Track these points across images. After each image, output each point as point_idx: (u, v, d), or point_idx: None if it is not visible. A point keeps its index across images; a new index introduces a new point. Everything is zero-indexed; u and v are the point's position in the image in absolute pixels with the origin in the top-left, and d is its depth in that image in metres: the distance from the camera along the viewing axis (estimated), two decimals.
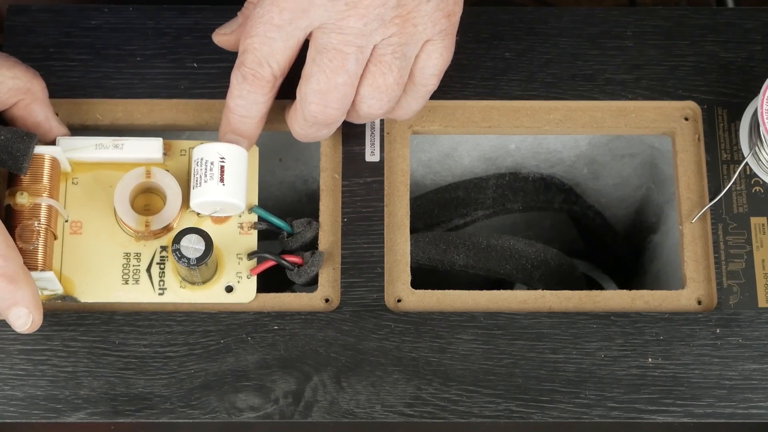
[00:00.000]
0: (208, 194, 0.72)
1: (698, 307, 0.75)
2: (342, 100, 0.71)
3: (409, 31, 0.70)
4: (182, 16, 0.80)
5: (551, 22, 0.80)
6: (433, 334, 0.73)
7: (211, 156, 0.72)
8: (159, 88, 0.78)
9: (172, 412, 0.71)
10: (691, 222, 0.76)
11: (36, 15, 0.79)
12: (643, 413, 0.72)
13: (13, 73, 0.72)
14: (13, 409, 0.71)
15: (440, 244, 0.83)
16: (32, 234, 0.71)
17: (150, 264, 0.74)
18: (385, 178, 0.77)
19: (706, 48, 0.79)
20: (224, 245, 0.74)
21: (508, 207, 0.89)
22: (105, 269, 0.73)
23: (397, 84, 0.71)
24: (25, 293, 0.69)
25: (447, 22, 0.71)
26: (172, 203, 0.73)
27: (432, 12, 0.70)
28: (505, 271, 0.84)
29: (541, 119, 0.79)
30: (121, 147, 0.74)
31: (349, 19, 0.69)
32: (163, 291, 0.73)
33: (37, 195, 0.71)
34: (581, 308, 0.74)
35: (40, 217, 0.71)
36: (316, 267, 0.74)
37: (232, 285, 0.74)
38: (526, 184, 0.90)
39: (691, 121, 0.78)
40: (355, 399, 0.72)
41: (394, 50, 0.70)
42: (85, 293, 0.73)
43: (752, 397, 0.72)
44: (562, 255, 0.86)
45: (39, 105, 0.73)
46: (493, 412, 0.72)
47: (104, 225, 0.74)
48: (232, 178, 0.72)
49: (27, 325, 0.70)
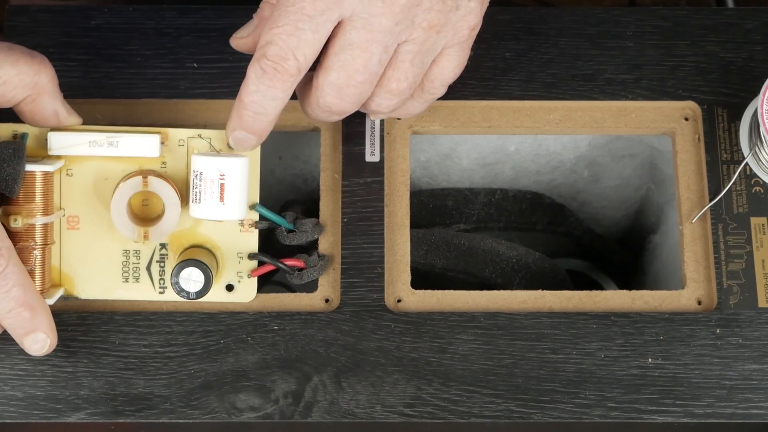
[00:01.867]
0: (207, 213, 0.71)
1: (698, 308, 0.75)
2: (358, 96, 0.70)
3: (432, 38, 0.69)
4: (182, 16, 0.80)
5: (551, 22, 0.80)
6: (433, 334, 0.73)
7: (211, 173, 0.70)
8: (159, 88, 0.78)
9: (172, 412, 0.71)
10: (691, 222, 0.76)
11: (36, 15, 0.79)
12: (643, 413, 0.72)
13: (17, 69, 0.70)
14: (13, 409, 0.71)
15: (422, 246, 0.83)
16: (29, 256, 0.71)
17: (150, 262, 0.74)
18: (385, 178, 0.77)
19: (706, 48, 0.79)
20: (225, 244, 0.74)
21: (489, 226, 0.89)
22: (104, 266, 0.73)
23: (409, 89, 0.71)
24: (43, 319, 0.70)
25: (467, 35, 0.71)
26: (170, 214, 0.72)
27: (457, 21, 0.70)
28: (484, 275, 0.84)
29: (541, 119, 0.78)
30: (116, 145, 0.72)
31: (382, 17, 0.67)
32: (163, 289, 0.73)
33: (30, 216, 0.71)
34: (581, 308, 0.74)
35: (35, 237, 0.71)
36: (320, 272, 0.74)
37: (232, 284, 0.74)
38: (513, 204, 0.90)
39: (691, 121, 0.78)
40: (355, 399, 0.72)
41: (414, 57, 0.70)
42: (84, 291, 0.73)
43: (752, 397, 0.72)
44: (544, 258, 0.86)
45: (47, 98, 0.71)
46: (493, 412, 0.72)
47: (102, 220, 0.73)
48: (232, 195, 0.71)
49: (44, 349, 0.70)
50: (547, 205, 0.91)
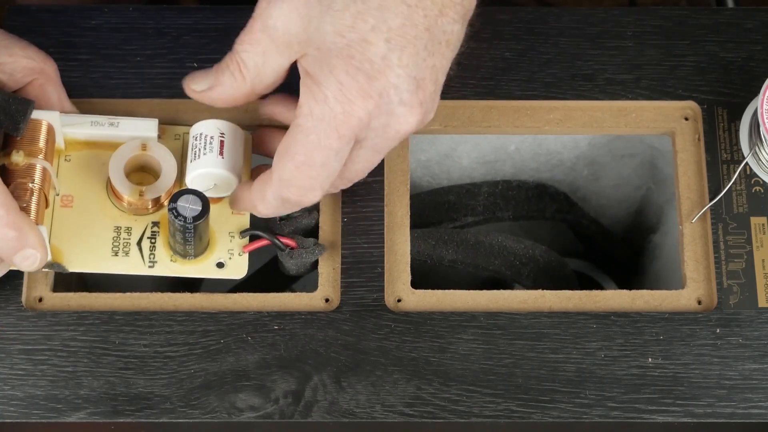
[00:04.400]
0: (207, 166, 0.72)
1: (698, 307, 0.75)
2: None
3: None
4: (182, 16, 0.80)
5: (551, 22, 0.80)
6: (433, 334, 0.73)
7: (211, 131, 0.72)
8: (159, 88, 0.78)
9: (172, 412, 0.71)
10: (691, 222, 0.76)
11: (36, 15, 0.79)
12: (643, 413, 0.72)
13: (26, 53, 0.72)
14: (13, 409, 0.71)
15: (429, 240, 0.83)
16: (26, 192, 0.71)
17: (141, 238, 0.74)
18: (385, 178, 0.77)
19: (706, 48, 0.79)
20: (217, 225, 0.74)
21: (498, 215, 0.89)
22: (94, 240, 0.73)
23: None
24: (30, 236, 0.69)
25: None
26: (167, 174, 0.73)
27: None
28: (493, 267, 0.84)
29: (541, 119, 0.79)
30: (116, 125, 0.74)
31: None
32: (153, 264, 0.73)
33: (32, 155, 0.71)
34: (581, 308, 0.74)
35: (34, 177, 0.71)
36: (312, 256, 0.74)
37: (223, 261, 0.74)
38: (518, 192, 0.90)
39: (691, 121, 0.78)
40: (355, 399, 0.72)
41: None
42: (73, 262, 0.73)
43: (752, 397, 0.72)
44: (551, 252, 0.86)
45: (52, 86, 0.73)
46: (493, 412, 0.72)
47: (96, 200, 0.74)
48: (231, 154, 0.72)
49: (35, 264, 0.70)
50: (552, 193, 0.91)
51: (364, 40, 0.65)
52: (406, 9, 0.65)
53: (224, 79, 0.69)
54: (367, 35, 0.65)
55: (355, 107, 0.66)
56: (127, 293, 0.74)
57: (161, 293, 0.74)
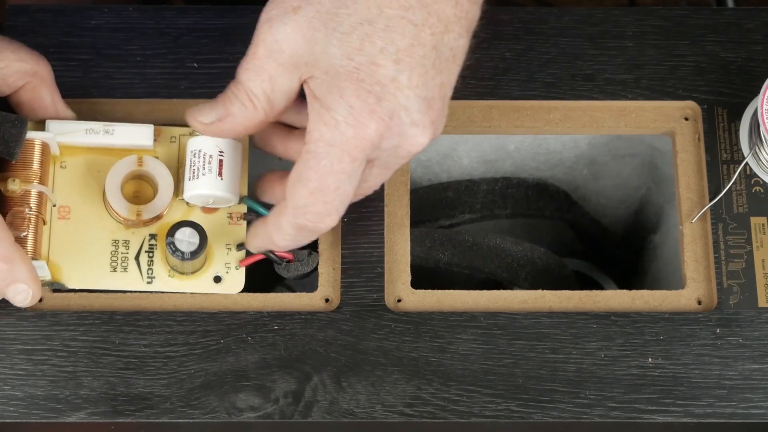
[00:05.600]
0: (205, 188, 0.72)
1: (698, 307, 0.75)
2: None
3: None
4: (182, 16, 0.79)
5: (551, 22, 0.80)
6: (433, 334, 0.73)
7: (210, 149, 0.72)
8: (159, 88, 0.78)
9: (172, 412, 0.71)
10: (691, 222, 0.76)
11: (36, 15, 0.79)
12: (643, 413, 0.72)
13: (18, 56, 0.72)
14: (13, 409, 0.71)
15: (425, 242, 0.83)
16: (23, 221, 0.71)
17: (138, 252, 0.74)
18: None
19: (706, 48, 0.79)
20: (214, 235, 0.74)
21: (496, 213, 0.89)
22: (93, 256, 0.73)
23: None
24: (22, 270, 0.69)
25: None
26: (163, 193, 0.73)
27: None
28: (490, 269, 0.84)
29: (541, 119, 0.79)
30: (111, 132, 0.73)
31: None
32: (151, 280, 0.73)
33: (28, 182, 0.71)
34: (581, 308, 0.74)
35: (30, 204, 0.71)
36: (308, 267, 0.74)
37: (220, 275, 0.74)
38: (518, 190, 0.90)
39: (691, 121, 0.78)
40: (355, 399, 0.72)
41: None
42: (72, 279, 0.73)
43: (752, 397, 0.72)
44: (549, 254, 0.86)
45: (46, 88, 0.73)
46: (493, 412, 0.72)
47: (93, 211, 0.74)
48: (230, 173, 0.72)
49: (27, 299, 0.70)
50: (552, 192, 0.91)
51: (373, 63, 0.65)
52: (413, 29, 0.65)
53: (234, 110, 0.68)
54: (376, 57, 0.65)
55: (366, 130, 0.65)
56: (127, 293, 0.74)
57: (161, 293, 0.74)
